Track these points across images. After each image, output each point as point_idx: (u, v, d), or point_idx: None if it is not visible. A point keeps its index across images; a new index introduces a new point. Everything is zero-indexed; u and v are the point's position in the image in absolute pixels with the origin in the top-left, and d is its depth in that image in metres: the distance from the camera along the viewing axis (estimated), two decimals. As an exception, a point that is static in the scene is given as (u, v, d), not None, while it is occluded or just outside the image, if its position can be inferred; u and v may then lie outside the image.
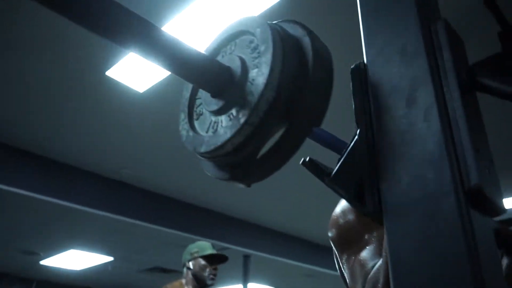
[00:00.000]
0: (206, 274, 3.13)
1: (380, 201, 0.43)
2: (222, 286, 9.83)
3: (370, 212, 0.43)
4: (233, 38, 0.64)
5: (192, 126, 0.63)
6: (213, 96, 0.60)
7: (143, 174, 5.15)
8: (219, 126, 0.58)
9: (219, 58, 0.65)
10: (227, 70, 0.59)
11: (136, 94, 3.67)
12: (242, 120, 0.53)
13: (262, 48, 0.56)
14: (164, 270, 8.44)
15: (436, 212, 0.39)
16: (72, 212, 5.04)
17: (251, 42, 0.60)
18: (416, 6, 0.50)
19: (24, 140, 4.44)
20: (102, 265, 7.90)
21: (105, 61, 3.30)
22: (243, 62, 0.59)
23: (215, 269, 3.18)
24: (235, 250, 6.26)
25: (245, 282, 7.07)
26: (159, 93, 3.67)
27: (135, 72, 3.38)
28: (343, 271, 1.03)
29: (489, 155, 0.44)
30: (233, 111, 0.56)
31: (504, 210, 0.41)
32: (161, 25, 2.96)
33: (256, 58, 0.58)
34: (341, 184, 0.47)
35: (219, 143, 0.55)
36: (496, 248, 0.40)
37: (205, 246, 3.29)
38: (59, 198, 4.65)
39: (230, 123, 0.55)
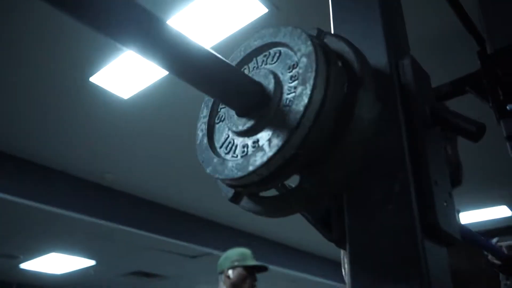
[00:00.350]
0: (246, 285, 2.97)
1: (344, 229, 0.46)
2: (205, 291, 9.79)
3: (335, 239, 0.46)
4: (264, 50, 0.56)
5: (212, 148, 0.55)
6: (239, 114, 0.52)
7: (126, 179, 5.13)
8: (246, 149, 0.50)
9: (245, 71, 0.57)
10: (259, 86, 0.51)
11: (120, 100, 3.67)
12: (274, 150, 0.45)
13: (302, 67, 0.48)
14: (147, 275, 8.39)
15: (395, 243, 0.42)
16: (53, 216, 4.99)
17: (287, 56, 0.52)
18: (385, 41, 0.53)
19: (5, 144, 4.39)
20: (84, 269, 7.83)
21: (89, 66, 3.29)
22: (277, 79, 0.51)
23: (255, 280, 3.02)
24: (218, 255, 6.26)
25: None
26: (143, 100, 3.67)
27: (120, 78, 3.38)
28: None
29: (448, 188, 0.47)
30: (264, 136, 0.48)
31: (458, 240, 0.45)
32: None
33: (294, 77, 0.49)
34: (309, 210, 0.49)
35: (246, 172, 0.47)
36: (449, 273, 0.43)
37: (247, 254, 3.11)
38: (40, 202, 4.60)
39: (258, 149, 0.47)
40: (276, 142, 0.45)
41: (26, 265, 7.56)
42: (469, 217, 5.72)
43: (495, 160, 4.07)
